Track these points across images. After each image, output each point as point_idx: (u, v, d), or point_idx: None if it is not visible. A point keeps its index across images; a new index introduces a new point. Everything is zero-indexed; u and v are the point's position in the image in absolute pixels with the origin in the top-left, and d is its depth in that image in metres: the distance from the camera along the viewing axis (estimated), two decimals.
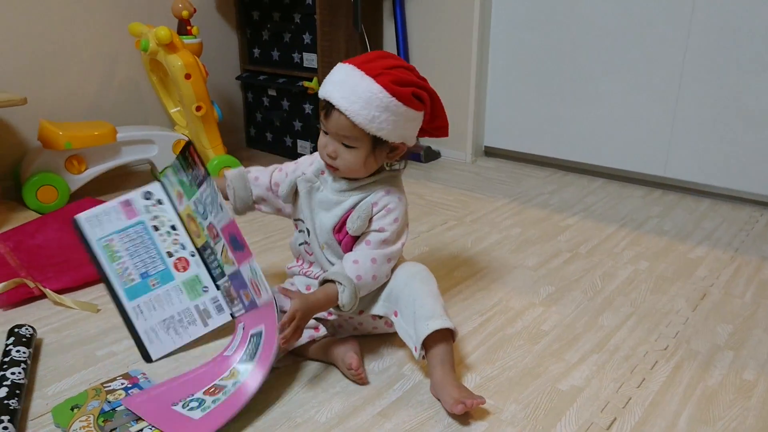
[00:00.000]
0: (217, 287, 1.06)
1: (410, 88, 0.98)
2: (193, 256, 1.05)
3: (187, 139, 2.05)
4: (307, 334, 1.06)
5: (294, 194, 1.10)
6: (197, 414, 0.92)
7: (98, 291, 1.34)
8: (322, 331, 1.09)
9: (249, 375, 0.96)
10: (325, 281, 1.01)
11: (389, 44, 2.47)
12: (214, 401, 0.94)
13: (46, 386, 1.01)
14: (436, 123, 1.08)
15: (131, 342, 1.11)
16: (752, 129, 1.81)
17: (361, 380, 1.02)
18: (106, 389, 0.98)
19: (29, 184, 1.78)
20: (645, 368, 1.06)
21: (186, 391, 0.98)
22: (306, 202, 1.08)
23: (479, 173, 2.24)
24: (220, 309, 1.08)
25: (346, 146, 1.00)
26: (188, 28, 2.06)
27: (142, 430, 0.89)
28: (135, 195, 1.06)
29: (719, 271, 1.44)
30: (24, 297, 1.28)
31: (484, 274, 1.42)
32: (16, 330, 1.09)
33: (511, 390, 1.00)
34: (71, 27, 2.02)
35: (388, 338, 1.13)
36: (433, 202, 1.92)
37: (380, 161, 1.05)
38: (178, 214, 1.06)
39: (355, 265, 1.00)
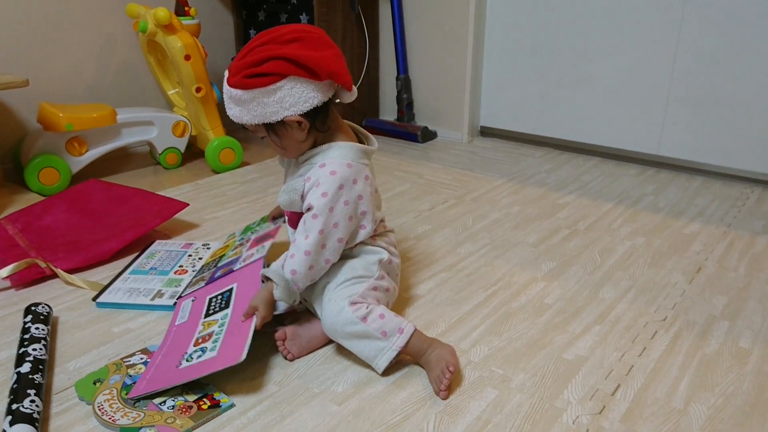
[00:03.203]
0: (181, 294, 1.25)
1: (241, 72, 0.97)
2: (194, 272, 1.33)
3: (185, 118, 2.06)
4: (282, 307, 1.09)
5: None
6: (210, 354, 0.95)
7: (107, 271, 1.36)
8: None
9: (232, 311, 1.05)
10: (265, 277, 1.04)
11: (386, 25, 2.48)
12: (214, 341, 0.98)
13: (66, 362, 1.04)
14: (322, 78, 0.98)
15: (147, 319, 1.17)
16: (743, 108, 1.85)
17: (284, 351, 1.03)
18: (126, 364, 1.01)
19: (31, 167, 1.78)
20: (645, 338, 1.11)
21: (176, 355, 0.99)
22: (287, 171, 1.15)
23: (476, 153, 2.26)
24: (170, 297, 1.23)
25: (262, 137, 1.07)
26: (186, 9, 2.05)
27: (165, 401, 0.92)
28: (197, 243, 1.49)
29: (713, 246, 1.49)
30: (35, 277, 1.30)
31: (487, 251, 1.46)
32: (32, 308, 1.11)
33: (518, 360, 1.04)
34: (68, 9, 2.01)
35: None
36: (433, 181, 1.94)
37: (297, 135, 1.03)
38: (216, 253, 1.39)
39: (291, 260, 1.02)
